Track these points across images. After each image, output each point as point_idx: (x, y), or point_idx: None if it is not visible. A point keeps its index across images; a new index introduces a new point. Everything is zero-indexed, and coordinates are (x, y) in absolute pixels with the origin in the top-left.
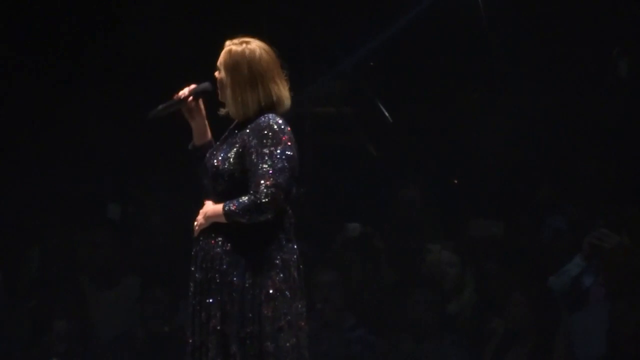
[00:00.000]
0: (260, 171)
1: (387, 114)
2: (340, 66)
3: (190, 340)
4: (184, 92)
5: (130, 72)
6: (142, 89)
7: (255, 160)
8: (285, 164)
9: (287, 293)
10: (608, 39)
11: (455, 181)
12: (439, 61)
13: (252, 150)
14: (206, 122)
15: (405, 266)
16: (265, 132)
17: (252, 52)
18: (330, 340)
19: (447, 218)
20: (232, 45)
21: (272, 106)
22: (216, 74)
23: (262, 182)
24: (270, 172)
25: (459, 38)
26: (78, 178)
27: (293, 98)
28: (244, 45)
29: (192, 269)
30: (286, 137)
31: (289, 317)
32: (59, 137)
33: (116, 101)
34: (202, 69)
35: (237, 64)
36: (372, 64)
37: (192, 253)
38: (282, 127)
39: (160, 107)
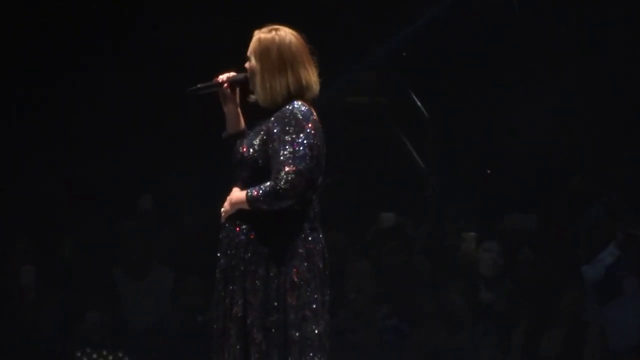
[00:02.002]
0: (282, 157)
1: (421, 106)
2: (374, 56)
3: (215, 326)
4: (223, 77)
5: (164, 63)
6: (174, 81)
7: (277, 147)
8: (307, 151)
9: (311, 282)
10: None
11: (488, 171)
12: (473, 51)
13: (275, 137)
14: (239, 111)
15: (439, 256)
16: (288, 119)
17: (282, 38)
18: (363, 330)
19: (482, 208)
20: (261, 34)
21: (300, 91)
22: (246, 64)
23: (283, 168)
24: (291, 158)
25: (494, 27)
26: (110, 169)
27: (326, 88)
28: (273, 32)
29: (218, 254)
30: (310, 124)
31: (314, 306)
32: (91, 129)
33: (148, 91)
34: (236, 61)
35: (266, 49)
36: (404, 54)
37: (219, 238)
38: (307, 114)
39: (199, 85)
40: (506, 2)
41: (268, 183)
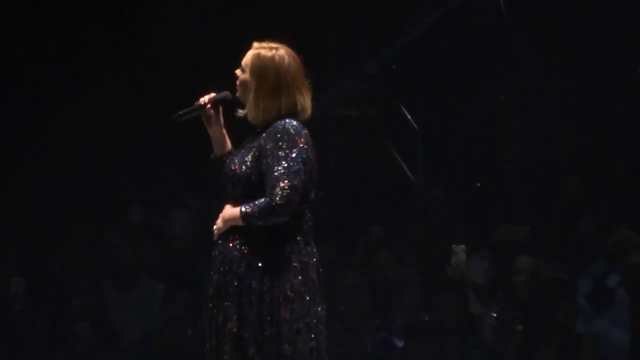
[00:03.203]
0: (276, 173)
1: (411, 119)
2: (364, 68)
3: (208, 344)
4: (204, 99)
5: (154, 75)
6: (166, 92)
7: (270, 162)
8: (301, 167)
9: (305, 296)
10: (635, 38)
11: (478, 184)
12: (463, 64)
13: (268, 153)
14: (224, 132)
15: (430, 268)
16: (281, 135)
17: (282, 59)
18: (354, 342)
19: (473, 220)
20: (260, 49)
21: (293, 115)
22: (238, 71)
23: (278, 184)
24: (286, 174)
25: (484, 40)
26: (100, 181)
27: (316, 100)
28: (273, 51)
29: (211, 272)
30: (302, 139)
31: (307, 320)
32: (82, 141)
33: (139, 104)
34: (225, 70)
35: (264, 69)
36: (394, 66)
37: (212, 256)
38: (299, 129)
39: (181, 112)
40: (496, 15)
41: (262, 199)
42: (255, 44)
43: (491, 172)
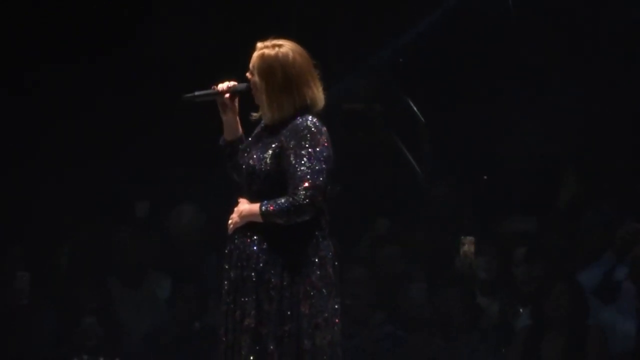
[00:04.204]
0: (299, 173)
1: (418, 112)
2: (370, 62)
3: (224, 339)
4: (223, 86)
5: (162, 70)
6: (171, 87)
7: (293, 161)
8: (323, 165)
9: (323, 290)
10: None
11: (485, 177)
12: (468, 57)
13: (290, 151)
14: (237, 119)
15: (436, 262)
16: (303, 133)
17: (285, 55)
18: (360, 336)
19: (478, 214)
20: (264, 49)
21: (306, 108)
22: (248, 75)
23: (301, 184)
24: (309, 173)
25: (490, 34)
26: (106, 176)
27: (322, 95)
28: (276, 49)
29: (226, 267)
30: (324, 137)
31: (326, 315)
32: (88, 136)
33: (145, 97)
34: (231, 69)
35: (270, 68)
36: (401, 60)
37: (226, 251)
38: (320, 128)
39: (197, 92)
40: (502, 10)
41: (284, 199)
42: (259, 44)
43: (498, 165)
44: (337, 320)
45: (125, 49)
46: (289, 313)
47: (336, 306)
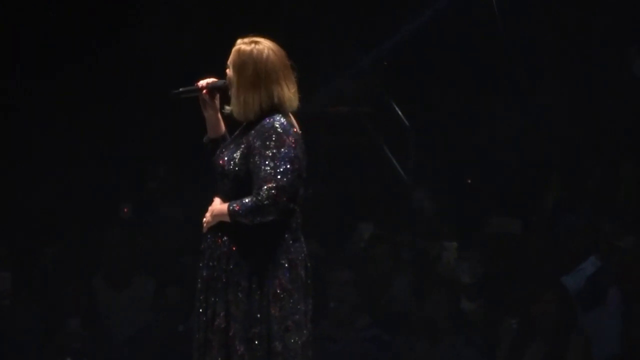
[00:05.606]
0: (263, 173)
1: (402, 116)
2: (355, 66)
3: (197, 336)
4: (203, 83)
5: (148, 72)
6: (157, 90)
7: (258, 162)
8: (288, 166)
9: (294, 293)
10: (624, 38)
11: (469, 181)
12: (453, 61)
13: (256, 151)
14: (219, 117)
15: (420, 265)
16: (269, 133)
17: (260, 52)
18: (345, 340)
19: (462, 217)
20: (241, 45)
21: (272, 108)
22: (227, 71)
23: (264, 184)
24: (272, 174)
25: (474, 39)
26: (91, 178)
27: (308, 98)
28: (252, 45)
29: (200, 265)
30: (290, 138)
31: (297, 316)
32: (73, 138)
33: (131, 100)
34: (217, 70)
35: (243, 63)
36: (386, 64)
37: (201, 249)
38: (287, 128)
39: (181, 89)
40: (489, 14)
41: (248, 199)
42: (239, 40)
43: (482, 168)
44: (307, 322)
45: (110, 49)
46: (258, 315)
47: (308, 307)
